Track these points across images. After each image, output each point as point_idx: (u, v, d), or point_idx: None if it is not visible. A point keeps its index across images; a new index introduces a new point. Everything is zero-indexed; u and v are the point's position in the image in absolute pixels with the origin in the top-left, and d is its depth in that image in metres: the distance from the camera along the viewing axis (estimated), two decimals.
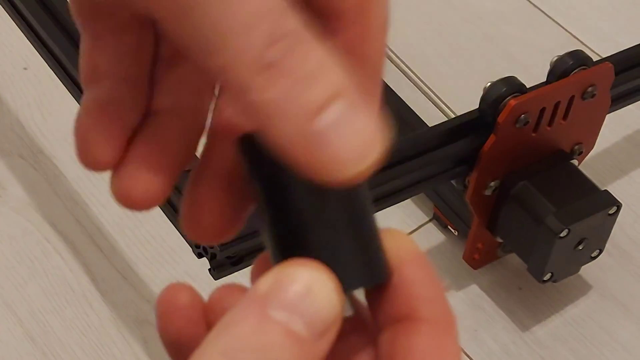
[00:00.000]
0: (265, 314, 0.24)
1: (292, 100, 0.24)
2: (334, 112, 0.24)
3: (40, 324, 0.65)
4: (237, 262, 0.53)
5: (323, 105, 0.24)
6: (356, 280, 0.26)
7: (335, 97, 0.24)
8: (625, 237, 0.72)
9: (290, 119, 0.24)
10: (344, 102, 0.24)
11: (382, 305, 0.27)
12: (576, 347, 0.66)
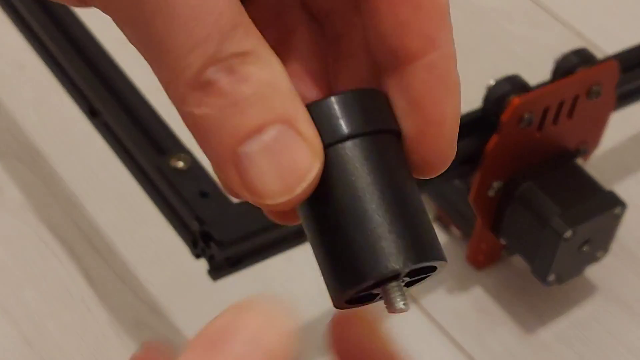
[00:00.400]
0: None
1: (223, 121, 0.24)
2: (263, 140, 0.24)
3: (37, 327, 0.64)
4: (236, 264, 0.53)
5: (254, 131, 0.24)
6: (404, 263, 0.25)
7: (270, 124, 0.24)
8: (631, 238, 0.72)
9: (220, 139, 0.24)
10: (278, 128, 0.24)
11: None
12: (581, 349, 0.66)
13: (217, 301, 0.66)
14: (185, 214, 0.52)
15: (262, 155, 0.24)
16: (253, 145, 0.24)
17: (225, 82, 0.24)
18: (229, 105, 0.24)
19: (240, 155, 0.24)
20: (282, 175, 0.24)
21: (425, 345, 0.65)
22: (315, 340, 0.68)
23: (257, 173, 0.24)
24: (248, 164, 0.24)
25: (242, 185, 0.24)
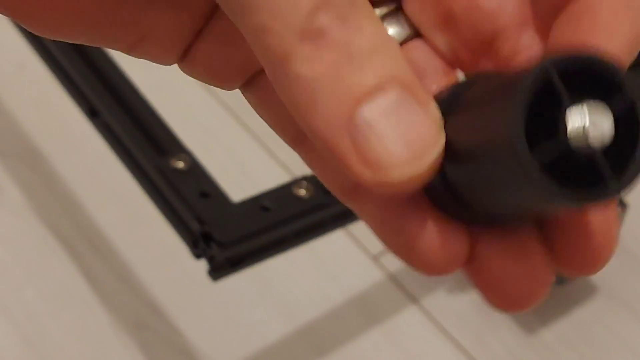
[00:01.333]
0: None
1: (339, 79, 0.20)
2: (385, 101, 0.20)
3: (37, 327, 0.64)
4: (236, 264, 0.53)
5: (374, 91, 0.20)
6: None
7: (389, 84, 0.21)
8: (632, 239, 0.72)
9: (334, 101, 0.20)
10: (398, 90, 0.21)
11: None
12: (583, 349, 0.66)
13: (217, 301, 0.66)
14: (186, 214, 0.52)
15: (384, 119, 0.20)
16: (373, 108, 0.20)
17: (339, 31, 0.20)
18: (344, 59, 0.20)
19: (357, 121, 0.20)
20: (409, 143, 0.21)
21: (426, 345, 0.65)
22: (315, 340, 0.68)
23: (380, 140, 0.20)
24: (368, 130, 0.20)
25: (360, 157, 0.20)
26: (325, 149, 0.21)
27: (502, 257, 0.22)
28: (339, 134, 0.20)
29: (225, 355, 0.64)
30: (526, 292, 0.22)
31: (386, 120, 0.20)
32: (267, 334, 0.65)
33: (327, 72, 0.20)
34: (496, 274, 0.22)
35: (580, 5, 0.22)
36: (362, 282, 0.68)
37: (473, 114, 0.21)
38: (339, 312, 0.66)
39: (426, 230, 0.22)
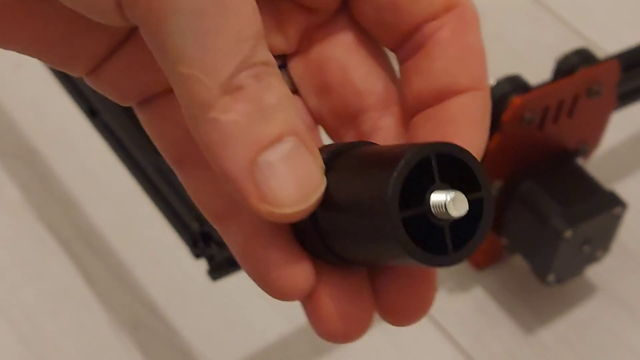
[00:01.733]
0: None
1: (249, 127, 0.24)
2: (283, 149, 0.24)
3: (35, 327, 0.64)
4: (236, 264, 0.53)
5: (275, 140, 0.24)
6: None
7: (288, 134, 0.25)
8: (632, 238, 0.72)
9: (243, 145, 0.24)
10: (294, 140, 0.25)
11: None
12: (581, 350, 0.66)
13: (216, 301, 0.66)
14: (185, 214, 0.52)
15: (282, 163, 0.24)
16: (274, 153, 0.24)
17: (254, 88, 0.24)
18: (255, 111, 0.24)
19: (260, 164, 0.24)
20: (300, 184, 0.25)
21: (425, 345, 0.65)
22: (314, 339, 0.68)
23: (278, 181, 0.24)
24: (269, 172, 0.24)
25: (259, 195, 0.24)
26: (230, 184, 0.24)
27: (338, 297, 0.26)
28: (243, 173, 0.24)
29: (224, 354, 0.64)
30: (351, 331, 0.26)
31: (283, 164, 0.24)
32: (266, 334, 0.65)
33: (240, 120, 0.24)
34: (329, 311, 0.26)
35: (444, 113, 0.27)
36: None
37: (353, 173, 0.25)
38: None
39: (279, 261, 0.26)
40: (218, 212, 0.28)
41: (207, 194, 0.28)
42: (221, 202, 0.28)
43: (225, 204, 0.27)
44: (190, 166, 0.29)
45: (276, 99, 0.24)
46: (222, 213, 0.28)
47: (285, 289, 0.26)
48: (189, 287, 0.67)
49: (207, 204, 0.28)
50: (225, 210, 0.28)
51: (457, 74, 0.27)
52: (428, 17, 0.27)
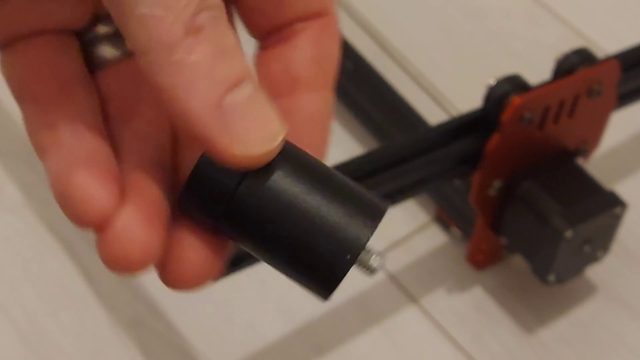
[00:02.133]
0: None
1: (213, 68, 0.25)
2: (246, 91, 0.25)
3: (36, 327, 0.64)
4: (236, 263, 0.53)
5: (238, 81, 0.25)
6: (363, 234, 0.27)
7: (247, 78, 0.25)
8: (632, 238, 0.72)
9: (209, 86, 0.24)
10: (253, 84, 0.25)
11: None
12: (582, 349, 0.66)
13: (216, 301, 0.66)
14: None
15: (248, 105, 0.25)
16: (239, 95, 0.25)
17: (213, 30, 0.25)
18: (217, 53, 0.25)
19: (226, 105, 0.25)
20: (265, 126, 0.25)
21: (425, 345, 0.65)
22: (314, 339, 0.68)
23: (246, 122, 0.25)
24: (236, 113, 0.25)
25: (227, 134, 0.25)
26: (195, 127, 0.25)
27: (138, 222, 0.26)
28: (210, 114, 0.24)
29: (224, 353, 0.64)
30: (138, 261, 0.26)
31: (248, 106, 0.25)
32: (265, 333, 0.65)
33: (204, 61, 0.24)
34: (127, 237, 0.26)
35: (297, 112, 0.29)
36: (362, 281, 0.68)
37: (310, 194, 0.26)
38: (338, 311, 0.66)
39: (84, 181, 0.26)
40: (42, 146, 0.28)
41: (44, 131, 0.28)
42: (48, 133, 0.28)
43: (49, 136, 0.28)
44: (39, 107, 0.29)
45: (233, 42, 0.25)
46: (44, 148, 0.28)
47: (82, 208, 0.26)
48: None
49: (38, 139, 0.28)
50: (48, 143, 0.28)
51: (312, 70, 0.29)
52: (302, 17, 0.29)
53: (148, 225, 0.26)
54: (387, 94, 0.76)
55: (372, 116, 0.75)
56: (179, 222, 0.27)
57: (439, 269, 0.69)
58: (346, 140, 0.77)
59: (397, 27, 0.87)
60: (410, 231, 0.71)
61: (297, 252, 0.26)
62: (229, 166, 0.25)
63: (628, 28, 0.88)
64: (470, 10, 0.89)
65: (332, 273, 0.26)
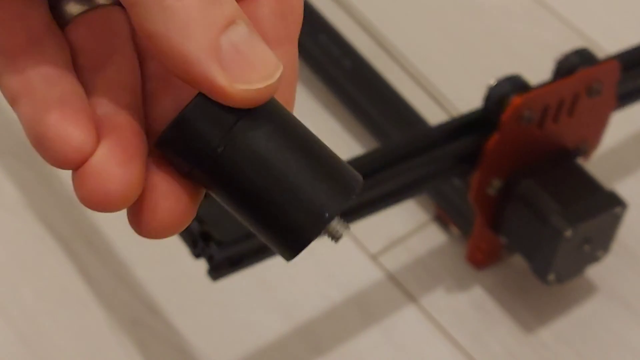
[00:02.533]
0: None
1: (205, 10, 0.25)
2: (241, 31, 0.26)
3: (34, 325, 0.64)
4: (235, 263, 0.53)
5: (230, 21, 0.26)
6: (336, 202, 0.27)
7: (240, 19, 0.26)
8: (632, 237, 0.72)
9: (203, 28, 0.25)
10: (246, 24, 0.26)
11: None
12: (581, 348, 0.66)
13: (216, 301, 0.66)
14: None
15: (245, 43, 0.26)
16: (234, 34, 0.25)
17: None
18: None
19: (223, 45, 0.25)
20: (264, 63, 0.26)
21: (424, 344, 0.65)
22: (314, 338, 0.68)
23: (245, 60, 0.25)
24: (234, 52, 0.25)
25: (228, 74, 0.25)
26: (193, 70, 0.25)
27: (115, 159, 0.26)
28: (208, 56, 0.25)
29: (223, 353, 0.64)
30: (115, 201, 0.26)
31: (244, 44, 0.25)
32: (265, 333, 0.65)
33: (194, 4, 0.25)
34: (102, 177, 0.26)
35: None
36: (361, 281, 0.68)
37: (290, 155, 0.26)
38: (338, 311, 0.67)
39: (59, 122, 0.26)
40: (13, 93, 0.28)
41: (15, 77, 0.28)
42: (19, 80, 0.27)
43: (20, 82, 0.27)
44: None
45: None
46: (16, 95, 0.28)
47: (59, 148, 0.26)
48: (188, 286, 0.67)
49: (9, 86, 0.28)
50: (20, 89, 0.28)
51: (276, 25, 0.29)
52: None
53: (126, 161, 0.26)
54: (387, 94, 0.76)
55: (371, 116, 0.75)
56: (152, 168, 0.27)
57: (438, 269, 0.69)
58: (346, 139, 0.77)
59: (397, 26, 0.87)
60: (409, 231, 0.71)
61: (271, 210, 0.26)
62: (229, 104, 0.25)
63: (628, 28, 0.88)
64: (471, 10, 0.89)
65: (300, 236, 0.26)
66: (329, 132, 0.77)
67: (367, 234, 0.71)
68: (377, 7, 0.88)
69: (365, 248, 0.70)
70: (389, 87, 0.77)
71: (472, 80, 0.82)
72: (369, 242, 0.70)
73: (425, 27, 0.87)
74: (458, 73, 0.83)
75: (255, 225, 0.26)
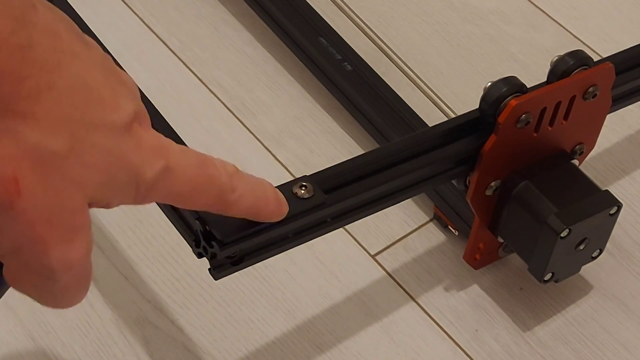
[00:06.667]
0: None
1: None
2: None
3: (42, 324, 0.65)
4: (238, 262, 0.53)
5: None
6: None
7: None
8: (627, 237, 0.72)
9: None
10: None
11: None
12: (578, 347, 0.66)
13: (218, 299, 0.66)
14: (188, 213, 0.52)
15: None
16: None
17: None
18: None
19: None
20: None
21: (422, 343, 0.65)
22: (315, 336, 0.69)
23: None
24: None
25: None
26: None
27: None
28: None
29: (226, 350, 0.64)
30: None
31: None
32: (267, 331, 0.65)
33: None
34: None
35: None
36: (361, 280, 0.68)
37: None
38: (339, 309, 0.67)
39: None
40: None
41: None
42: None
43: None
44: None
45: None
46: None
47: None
48: (192, 285, 0.67)
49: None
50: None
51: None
52: None
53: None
54: (386, 96, 0.76)
55: (370, 118, 0.75)
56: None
57: (436, 268, 0.70)
58: (345, 141, 0.77)
59: (395, 30, 0.87)
60: (408, 230, 0.72)
61: None
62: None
63: (622, 32, 0.88)
64: (468, 14, 0.89)
65: None
66: (329, 133, 0.77)
67: (367, 234, 0.71)
68: (377, 12, 0.89)
69: (366, 248, 0.70)
70: (389, 90, 0.77)
71: (470, 83, 0.83)
72: (369, 242, 0.71)
73: (424, 31, 0.87)
74: (456, 76, 0.83)
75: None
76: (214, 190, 0.43)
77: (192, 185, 0.41)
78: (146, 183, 0.39)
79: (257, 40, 0.85)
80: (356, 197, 0.56)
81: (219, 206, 0.44)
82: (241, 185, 0.44)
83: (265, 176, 0.76)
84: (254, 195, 0.46)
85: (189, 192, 0.41)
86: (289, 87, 0.82)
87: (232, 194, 0.44)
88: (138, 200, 0.39)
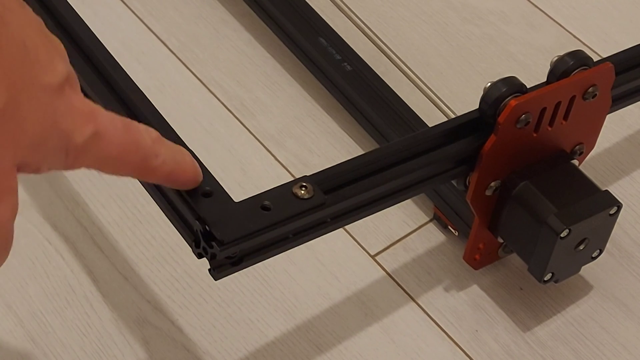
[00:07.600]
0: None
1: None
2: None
3: (41, 324, 0.65)
4: (237, 262, 0.53)
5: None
6: None
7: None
8: (627, 237, 0.72)
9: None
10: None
11: None
12: (577, 347, 0.66)
13: (218, 300, 0.66)
14: (187, 213, 0.52)
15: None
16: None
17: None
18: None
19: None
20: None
21: (422, 343, 0.66)
22: (315, 337, 0.69)
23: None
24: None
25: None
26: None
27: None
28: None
29: (226, 351, 0.64)
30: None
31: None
32: (267, 331, 0.65)
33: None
34: None
35: None
36: (361, 280, 0.68)
37: None
38: (338, 310, 0.67)
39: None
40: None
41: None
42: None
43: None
44: None
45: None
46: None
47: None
48: (192, 285, 0.67)
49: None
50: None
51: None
52: None
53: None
54: (386, 96, 0.76)
55: (370, 118, 0.75)
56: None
57: (436, 268, 0.70)
58: (345, 141, 0.77)
59: (395, 30, 0.87)
60: (408, 231, 0.72)
61: None
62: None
63: (622, 32, 0.88)
64: (468, 14, 0.89)
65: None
66: (329, 133, 0.77)
67: (367, 234, 0.71)
68: (376, 12, 0.89)
69: (366, 248, 0.70)
70: (388, 90, 0.77)
71: (469, 83, 0.83)
72: (369, 243, 0.71)
73: (424, 31, 0.87)
74: (456, 76, 0.83)
75: None
76: (139, 156, 0.44)
77: (119, 150, 0.42)
78: (76, 148, 0.39)
79: (257, 41, 0.85)
80: (356, 197, 0.56)
81: (141, 171, 0.45)
82: (163, 151, 0.45)
83: (265, 176, 0.76)
84: (174, 161, 0.46)
85: (116, 158, 0.42)
86: (289, 87, 0.82)
87: (156, 159, 0.44)
88: (68, 165, 0.40)
